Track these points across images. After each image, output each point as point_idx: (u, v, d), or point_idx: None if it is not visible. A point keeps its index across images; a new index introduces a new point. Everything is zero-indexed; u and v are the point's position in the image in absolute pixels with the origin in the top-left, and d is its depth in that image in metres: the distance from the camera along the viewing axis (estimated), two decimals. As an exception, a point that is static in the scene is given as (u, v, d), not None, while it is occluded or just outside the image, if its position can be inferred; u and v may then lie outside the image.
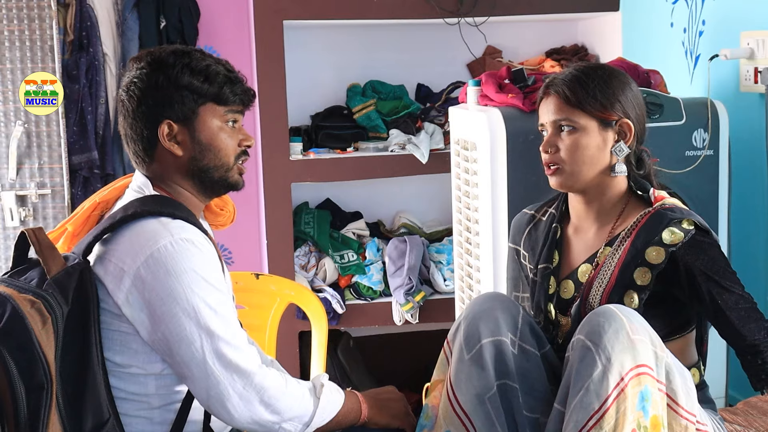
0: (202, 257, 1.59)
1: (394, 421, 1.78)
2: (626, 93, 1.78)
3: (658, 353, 1.58)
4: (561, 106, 1.78)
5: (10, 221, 3.21)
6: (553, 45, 3.67)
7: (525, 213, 2.01)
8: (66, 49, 3.24)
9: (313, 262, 3.42)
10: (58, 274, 1.53)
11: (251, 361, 1.59)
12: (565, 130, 1.78)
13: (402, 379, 3.58)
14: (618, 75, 1.80)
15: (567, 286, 1.83)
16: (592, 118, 1.76)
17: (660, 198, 1.77)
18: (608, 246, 1.78)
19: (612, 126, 1.77)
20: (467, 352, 1.70)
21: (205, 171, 1.68)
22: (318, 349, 2.36)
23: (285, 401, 1.61)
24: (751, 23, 2.52)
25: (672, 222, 1.70)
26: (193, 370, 1.56)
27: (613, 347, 1.54)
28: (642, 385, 1.54)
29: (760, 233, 2.52)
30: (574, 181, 1.79)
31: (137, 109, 1.66)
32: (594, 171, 1.78)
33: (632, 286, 1.71)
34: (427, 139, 3.32)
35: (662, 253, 1.68)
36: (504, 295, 1.87)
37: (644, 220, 1.73)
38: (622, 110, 1.77)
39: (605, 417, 1.52)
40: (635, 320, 1.59)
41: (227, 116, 1.68)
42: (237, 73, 1.71)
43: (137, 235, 1.57)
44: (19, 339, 1.45)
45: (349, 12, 3.24)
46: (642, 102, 1.82)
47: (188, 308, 1.54)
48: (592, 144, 1.76)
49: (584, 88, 1.76)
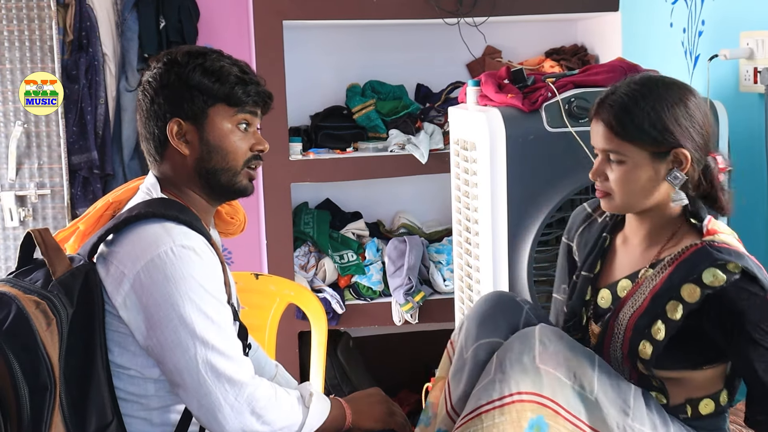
0: (202, 265, 1.58)
1: (377, 425, 1.78)
2: (679, 116, 1.63)
3: (576, 389, 1.60)
4: (608, 136, 1.66)
5: (9, 221, 3.20)
6: (553, 45, 3.67)
7: (584, 209, 1.93)
8: (66, 49, 3.24)
9: (313, 263, 3.42)
10: (64, 276, 1.53)
11: (244, 372, 1.59)
12: (614, 161, 1.67)
13: (402, 379, 3.59)
14: (670, 94, 1.65)
15: (605, 296, 1.78)
16: (643, 150, 1.64)
17: (713, 232, 1.66)
18: (651, 268, 1.70)
19: (665, 156, 1.65)
20: (465, 352, 1.74)
21: (212, 173, 1.66)
22: (318, 350, 2.36)
23: (275, 412, 1.61)
24: (751, 23, 2.52)
25: (716, 263, 1.58)
26: (185, 378, 1.55)
27: (513, 366, 1.60)
28: (535, 413, 1.57)
29: (760, 233, 2.52)
30: (626, 210, 1.73)
31: (150, 107, 1.66)
32: (647, 201, 1.68)
33: (662, 317, 1.63)
34: (427, 139, 3.32)
35: (698, 292, 1.59)
36: (509, 295, 1.87)
37: (688, 252, 1.64)
38: (676, 138, 1.63)
39: (474, 420, 1.59)
40: (554, 350, 1.62)
41: (239, 117, 1.67)
42: (252, 75, 1.68)
43: (139, 240, 1.57)
44: (23, 339, 1.45)
45: (349, 12, 3.24)
46: (700, 116, 1.66)
47: (184, 316, 1.54)
48: (643, 177, 1.65)
49: (632, 118, 1.63)
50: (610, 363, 1.71)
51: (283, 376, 1.99)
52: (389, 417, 1.80)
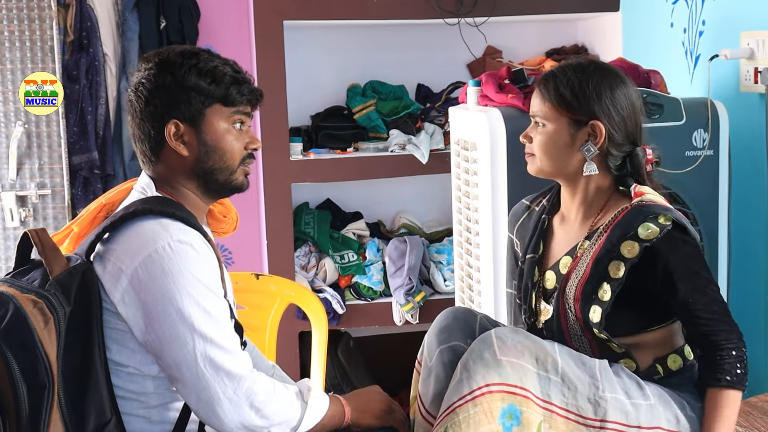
0: (199, 260, 1.59)
1: (376, 422, 1.79)
2: (605, 93, 1.76)
3: (542, 374, 1.65)
4: (536, 101, 1.82)
5: (10, 221, 3.21)
6: (553, 45, 3.67)
7: (522, 203, 2.04)
8: (66, 49, 3.24)
9: (314, 263, 3.42)
10: (61, 275, 1.53)
11: (242, 366, 1.59)
12: (539, 125, 1.81)
13: (402, 379, 3.57)
14: (603, 74, 1.78)
15: (549, 277, 1.86)
16: (562, 116, 1.77)
17: (640, 194, 1.76)
18: (587, 239, 1.80)
19: (583, 126, 1.77)
20: (429, 361, 1.82)
21: (210, 172, 1.68)
22: (318, 350, 2.36)
23: (274, 406, 1.62)
24: (751, 23, 2.52)
25: (648, 217, 1.69)
26: (184, 372, 1.56)
27: (476, 363, 1.65)
28: (505, 402, 1.62)
29: (760, 233, 2.52)
30: (544, 172, 1.84)
31: (145, 108, 1.66)
32: (563, 166, 1.80)
33: (606, 279, 1.71)
34: (427, 139, 3.32)
35: (636, 247, 1.68)
36: (462, 308, 1.95)
37: (622, 215, 1.73)
38: (595, 111, 1.75)
39: (450, 415, 1.63)
40: (512, 342, 1.67)
41: (234, 117, 1.69)
42: (244, 74, 1.71)
43: (136, 236, 1.57)
44: (21, 338, 1.45)
45: (349, 12, 3.24)
46: (630, 103, 1.78)
47: (182, 310, 1.54)
48: (560, 142, 1.78)
49: (557, 84, 1.78)
50: (571, 340, 1.79)
51: (280, 377, 1.99)
52: (388, 414, 1.81)
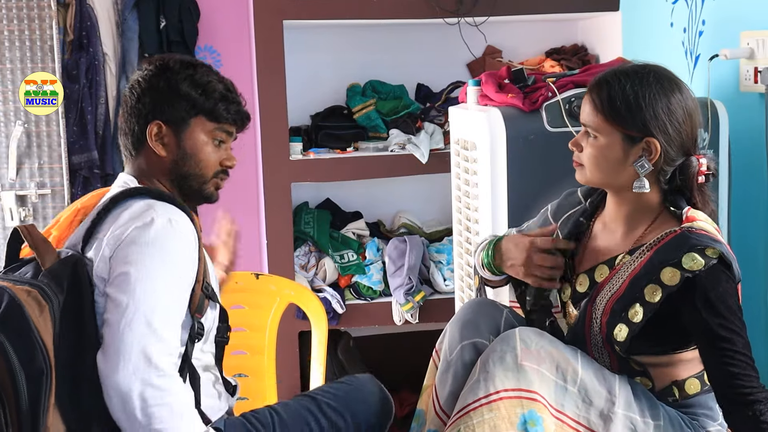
0: (180, 239, 1.63)
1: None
2: (658, 107, 1.68)
3: (560, 383, 1.64)
4: (590, 111, 1.75)
5: (10, 221, 3.21)
6: (553, 45, 3.67)
7: (575, 196, 1.98)
8: (66, 49, 3.24)
9: (313, 262, 3.42)
10: (53, 266, 1.57)
11: (169, 363, 1.57)
12: (591, 136, 1.75)
13: (401, 379, 3.58)
14: (657, 85, 1.70)
15: (582, 281, 1.82)
16: (615, 130, 1.71)
17: (692, 219, 1.69)
18: (629, 254, 1.74)
19: (637, 142, 1.70)
20: (450, 355, 1.80)
21: (184, 177, 1.75)
22: (318, 349, 2.37)
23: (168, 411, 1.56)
24: (751, 23, 2.52)
25: (696, 248, 1.62)
26: (107, 338, 1.55)
27: (495, 366, 1.64)
28: (525, 408, 1.61)
29: (760, 233, 2.52)
30: (593, 183, 1.80)
31: (135, 105, 1.75)
32: (613, 180, 1.75)
33: (639, 300, 1.66)
34: (427, 139, 3.32)
35: (678, 276, 1.62)
36: (488, 301, 1.92)
37: (668, 237, 1.67)
38: (650, 128, 1.68)
39: (464, 418, 1.63)
40: (535, 348, 1.66)
41: (216, 133, 1.76)
42: (236, 94, 1.78)
43: (127, 212, 1.63)
44: (17, 326, 1.48)
45: (349, 12, 3.24)
46: (681, 114, 1.71)
47: (146, 284, 1.56)
48: (612, 157, 1.72)
49: (612, 98, 1.70)
50: (591, 349, 1.76)
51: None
52: None
